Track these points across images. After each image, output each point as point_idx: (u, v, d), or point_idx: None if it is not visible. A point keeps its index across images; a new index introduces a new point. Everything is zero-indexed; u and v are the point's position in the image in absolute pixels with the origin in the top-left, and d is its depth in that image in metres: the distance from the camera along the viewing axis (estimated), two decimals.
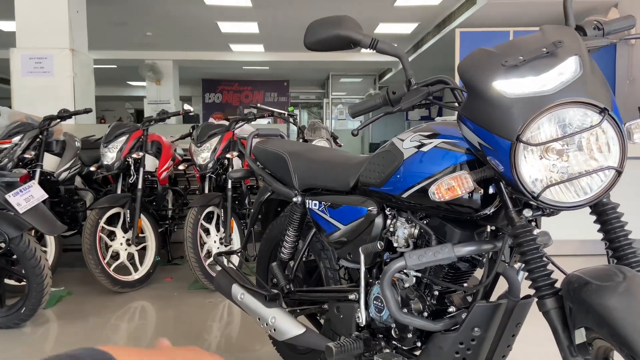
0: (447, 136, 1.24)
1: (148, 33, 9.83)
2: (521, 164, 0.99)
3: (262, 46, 11.28)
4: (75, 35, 5.63)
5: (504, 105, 0.99)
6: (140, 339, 2.59)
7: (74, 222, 3.72)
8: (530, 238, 1.06)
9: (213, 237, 3.39)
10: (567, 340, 0.99)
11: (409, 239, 1.37)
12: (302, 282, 2.00)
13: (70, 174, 3.69)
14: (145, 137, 3.50)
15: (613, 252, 1.08)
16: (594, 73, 0.99)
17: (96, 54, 7.48)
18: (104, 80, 12.87)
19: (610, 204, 1.09)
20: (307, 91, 17.03)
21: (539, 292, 1.04)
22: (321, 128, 4.39)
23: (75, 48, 5.61)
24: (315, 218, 1.69)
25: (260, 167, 1.97)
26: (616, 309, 0.89)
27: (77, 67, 5.59)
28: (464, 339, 1.21)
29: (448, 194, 1.11)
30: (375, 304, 1.47)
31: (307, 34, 1.29)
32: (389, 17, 8.74)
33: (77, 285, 3.47)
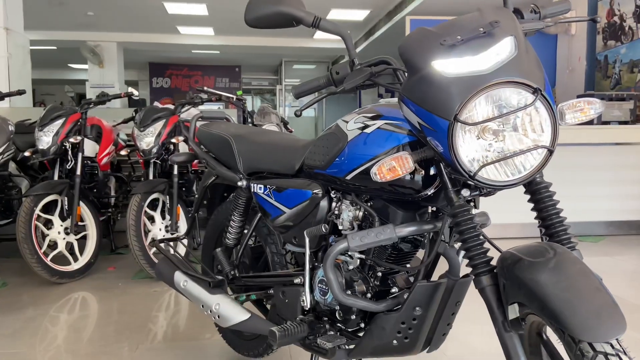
0: (390, 117, 1.24)
1: (89, 13, 9.37)
2: (459, 143, 1.00)
3: (211, 29, 11.01)
4: (9, 13, 5.30)
5: (442, 84, 0.99)
6: (82, 330, 2.49)
7: (8, 211, 3.53)
8: (467, 217, 1.08)
9: (158, 225, 3.29)
10: (501, 316, 1.02)
11: (353, 221, 1.37)
12: (248, 268, 1.98)
13: (4, 159, 3.47)
14: (84, 121, 3.34)
15: (545, 230, 1.11)
16: (529, 54, 1.01)
17: (34, 34, 7.07)
18: (43, 63, 12.22)
19: (543, 183, 1.12)
20: (260, 77, 16.81)
21: (475, 270, 1.06)
22: (271, 113, 4.34)
23: (10, 27, 5.28)
24: (261, 202, 1.66)
25: (204, 151, 1.92)
26: (546, 284, 0.91)
27: (11, 46, 5.27)
28: (405, 318, 1.23)
29: (389, 174, 1.11)
30: (319, 287, 1.46)
31: (248, 10, 1.26)
32: (341, 2, 8.72)
33: (13, 276, 3.30)
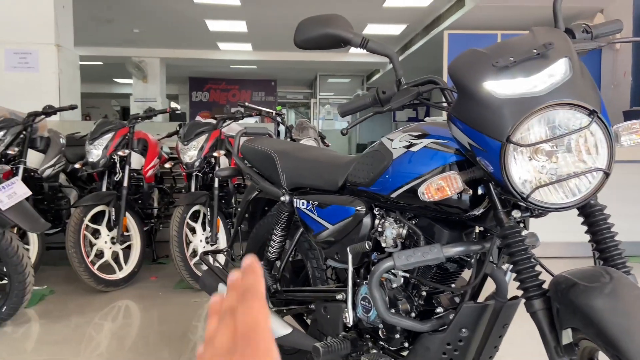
0: (436, 136, 1.24)
1: (135, 30, 9.73)
2: (511, 164, 0.99)
3: (250, 45, 11.23)
4: (61, 30, 5.55)
5: (494, 105, 0.99)
6: (125, 338, 2.56)
7: (57, 220, 3.67)
8: (518, 239, 1.06)
9: (199, 236, 3.36)
10: (554, 341, 1.00)
11: (397, 239, 1.37)
12: (289, 282, 1.99)
13: (55, 171, 3.63)
14: (132, 135, 3.46)
15: (600, 254, 1.08)
16: (584, 75, 1.00)
17: (82, 50, 7.39)
18: (89, 77, 12.69)
19: (598, 206, 1.10)
20: (295, 91, 17.00)
21: (527, 293, 1.05)
22: (309, 127, 4.38)
23: (61, 44, 5.53)
24: (303, 217, 1.68)
25: (248, 166, 1.96)
26: (602, 309, 0.89)
27: (62, 63, 5.51)
28: (451, 339, 1.21)
29: (437, 194, 1.11)
30: (362, 304, 1.46)
31: (297, 32, 1.28)
32: (378, 17, 8.76)
33: (60, 284, 3.42)
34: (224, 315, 0.37)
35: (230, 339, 0.35)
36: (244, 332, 0.34)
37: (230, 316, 0.37)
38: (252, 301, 0.36)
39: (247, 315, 0.35)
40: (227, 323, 0.36)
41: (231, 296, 0.38)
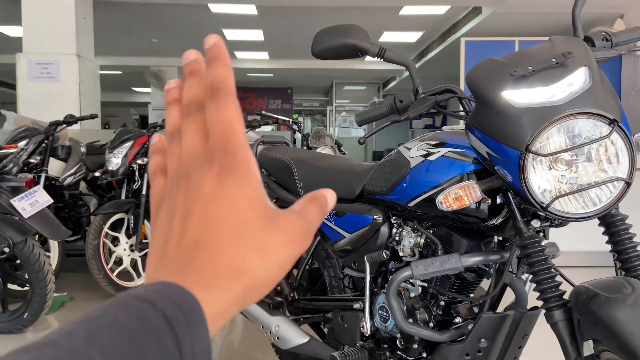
0: (454, 145, 1.24)
1: (154, 40, 9.89)
2: (530, 174, 0.99)
3: (266, 54, 11.33)
4: (81, 41, 5.67)
5: (513, 115, 0.99)
6: None
7: (77, 228, 3.72)
8: (538, 249, 1.05)
9: None
10: (575, 352, 0.99)
11: (414, 248, 1.36)
12: (306, 290, 2.00)
13: (75, 179, 3.70)
14: None
15: (621, 264, 1.07)
16: (604, 84, 0.99)
17: (102, 60, 7.53)
18: (109, 86, 12.93)
19: (619, 216, 1.08)
20: (311, 98, 17.07)
21: (547, 303, 1.03)
22: (325, 135, 4.39)
23: (82, 54, 5.64)
24: (320, 226, 1.69)
25: (265, 174, 1.97)
26: (625, 321, 0.88)
27: (83, 73, 5.62)
28: (470, 350, 1.20)
29: (456, 203, 1.10)
30: (380, 313, 1.46)
31: (315, 43, 1.30)
32: (394, 25, 8.77)
33: (79, 291, 3.47)
34: (189, 108, 0.31)
35: (201, 141, 0.30)
36: (217, 137, 0.29)
37: (197, 112, 0.30)
38: (225, 99, 0.30)
39: (222, 116, 0.29)
40: (195, 120, 0.30)
41: (194, 85, 0.31)
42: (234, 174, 0.28)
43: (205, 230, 0.28)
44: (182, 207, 0.29)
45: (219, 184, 0.28)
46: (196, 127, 0.30)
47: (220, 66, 0.30)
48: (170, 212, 0.29)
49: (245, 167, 0.29)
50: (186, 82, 0.32)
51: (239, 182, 0.28)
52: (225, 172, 0.28)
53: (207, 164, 0.29)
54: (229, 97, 0.30)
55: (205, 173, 0.28)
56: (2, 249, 2.52)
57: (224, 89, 0.30)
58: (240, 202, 0.28)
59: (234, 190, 0.28)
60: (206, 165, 0.29)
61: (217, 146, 0.29)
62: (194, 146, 0.30)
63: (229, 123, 0.29)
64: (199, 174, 0.29)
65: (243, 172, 0.29)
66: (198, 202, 0.28)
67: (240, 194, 0.28)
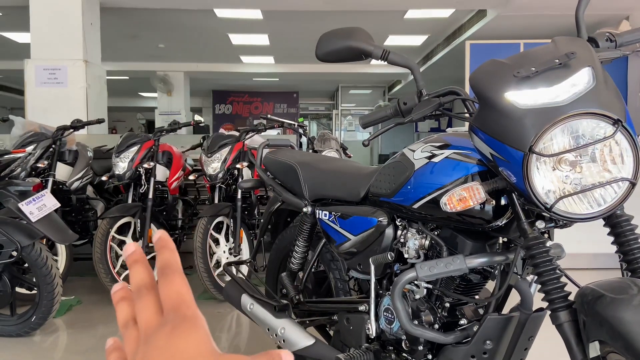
0: (458, 147, 1.24)
1: (160, 45, 9.95)
2: (534, 175, 0.99)
3: (272, 58, 11.37)
4: (88, 46, 5.72)
5: (516, 116, 0.99)
6: None
7: (85, 231, 3.75)
8: (543, 250, 1.05)
9: (222, 247, 3.40)
10: (580, 353, 0.98)
11: (419, 250, 1.36)
12: (311, 292, 2.00)
13: (82, 183, 3.73)
14: (157, 148, 3.53)
15: (627, 265, 1.06)
16: (607, 84, 0.99)
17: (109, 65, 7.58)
18: (115, 91, 13.02)
19: (624, 216, 1.08)
20: (317, 102, 17.09)
21: (552, 304, 1.03)
22: (331, 139, 4.39)
23: (89, 59, 5.69)
24: (325, 228, 1.69)
25: (270, 177, 1.98)
26: (631, 322, 0.88)
27: (90, 78, 5.67)
28: (475, 352, 1.20)
29: (460, 204, 1.10)
30: (385, 315, 1.46)
31: (319, 46, 1.30)
32: (399, 29, 8.78)
33: (87, 294, 3.49)
34: (139, 291, 0.37)
35: (157, 315, 0.35)
36: (170, 306, 0.35)
37: (147, 292, 0.36)
38: (173, 276, 0.36)
39: (171, 290, 0.35)
40: (148, 299, 0.36)
41: (140, 271, 0.37)
42: (184, 329, 0.33)
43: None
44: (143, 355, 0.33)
45: (171, 337, 0.33)
46: (149, 305, 0.36)
47: (166, 251, 0.37)
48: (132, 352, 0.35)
49: (193, 323, 0.34)
50: (132, 271, 0.38)
51: (189, 334, 0.33)
52: (177, 328, 0.33)
53: (162, 327, 0.34)
54: (176, 273, 0.36)
55: (160, 333, 0.34)
56: (10, 253, 2.54)
57: (171, 267, 0.36)
58: (190, 344, 0.33)
59: (185, 337, 0.33)
60: (161, 328, 0.34)
61: (170, 312, 0.34)
62: (150, 320, 0.35)
63: (178, 294, 0.35)
64: (156, 335, 0.34)
65: (192, 327, 0.34)
66: (154, 353, 0.33)
67: (190, 339, 0.33)
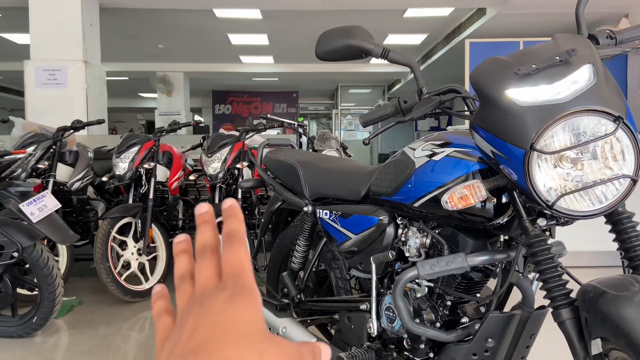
0: (459, 145, 1.24)
1: (159, 45, 9.95)
2: (535, 172, 0.98)
3: (271, 58, 11.37)
4: (88, 47, 5.72)
5: (517, 113, 0.99)
6: (151, 349, 2.59)
7: (85, 232, 3.75)
8: (544, 248, 1.05)
9: None
10: (583, 351, 0.98)
11: (420, 248, 1.36)
12: (312, 292, 2.00)
13: (83, 184, 3.73)
14: (157, 148, 3.53)
15: (629, 262, 1.06)
16: (608, 81, 0.99)
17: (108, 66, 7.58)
18: (115, 92, 13.02)
19: (626, 213, 1.08)
20: (316, 102, 17.09)
21: (554, 302, 1.03)
22: (331, 138, 4.39)
23: (89, 60, 5.69)
24: (326, 227, 1.69)
25: (271, 177, 1.98)
26: (633, 319, 0.88)
27: (90, 78, 5.67)
28: (477, 350, 1.20)
29: (461, 202, 1.10)
30: (386, 314, 1.46)
31: (319, 44, 1.30)
32: (399, 28, 8.78)
33: (88, 295, 3.49)
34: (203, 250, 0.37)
35: (215, 277, 0.36)
36: (230, 272, 0.35)
37: (210, 253, 0.37)
38: (238, 245, 0.37)
39: (235, 257, 0.36)
40: (209, 260, 0.37)
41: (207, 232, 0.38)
42: (242, 298, 0.34)
43: (212, 332, 0.32)
44: (193, 322, 0.33)
45: (229, 303, 0.33)
46: (210, 265, 0.36)
47: (235, 220, 0.38)
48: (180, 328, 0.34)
49: (252, 295, 0.34)
50: (200, 230, 0.39)
51: (246, 304, 0.33)
52: (235, 297, 0.34)
53: (220, 291, 0.34)
54: (241, 243, 0.37)
55: (217, 296, 0.34)
56: (12, 254, 2.54)
57: (237, 236, 0.37)
58: (246, 317, 0.33)
59: (241, 308, 0.33)
60: (219, 292, 0.34)
61: (229, 278, 0.35)
62: (209, 280, 0.36)
63: (240, 262, 0.36)
64: (212, 298, 0.34)
65: (250, 298, 0.34)
66: (209, 315, 0.33)
67: (246, 312, 0.33)
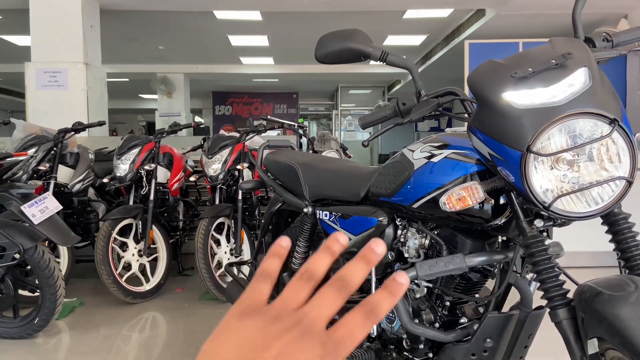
0: (457, 147, 1.25)
1: (160, 47, 9.97)
2: (532, 174, 1.00)
3: (271, 59, 11.38)
4: (89, 49, 5.74)
5: (513, 116, 1.00)
6: (152, 349, 2.60)
7: (86, 233, 3.76)
8: (541, 248, 1.06)
9: (224, 248, 3.41)
10: (579, 351, 0.99)
11: (419, 249, 1.38)
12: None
13: (84, 185, 3.74)
14: (157, 149, 3.54)
15: (625, 262, 1.07)
16: (604, 84, 1.00)
17: (109, 68, 7.60)
18: (116, 93, 13.04)
19: (622, 214, 1.09)
20: (316, 103, 17.11)
21: (551, 302, 1.04)
22: (331, 139, 4.40)
23: (89, 62, 5.70)
24: (326, 228, 1.70)
25: (271, 178, 1.99)
26: (628, 318, 0.89)
27: (90, 80, 5.68)
28: (475, 350, 1.21)
29: (459, 204, 1.11)
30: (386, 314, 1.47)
31: (318, 47, 1.31)
32: (398, 29, 8.79)
33: (89, 296, 3.50)
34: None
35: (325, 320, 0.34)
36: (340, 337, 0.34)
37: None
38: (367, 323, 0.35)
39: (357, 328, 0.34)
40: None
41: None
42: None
43: None
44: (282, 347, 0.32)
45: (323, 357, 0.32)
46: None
47: (391, 297, 0.35)
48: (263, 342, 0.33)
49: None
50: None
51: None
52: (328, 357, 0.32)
53: (321, 344, 0.32)
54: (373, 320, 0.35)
55: (314, 348, 0.32)
56: (13, 255, 2.55)
57: (374, 312, 0.35)
58: None
59: None
60: (320, 342, 0.32)
61: (339, 338, 0.33)
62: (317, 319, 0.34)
63: (354, 336, 0.34)
64: (312, 340, 0.32)
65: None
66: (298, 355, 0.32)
67: None
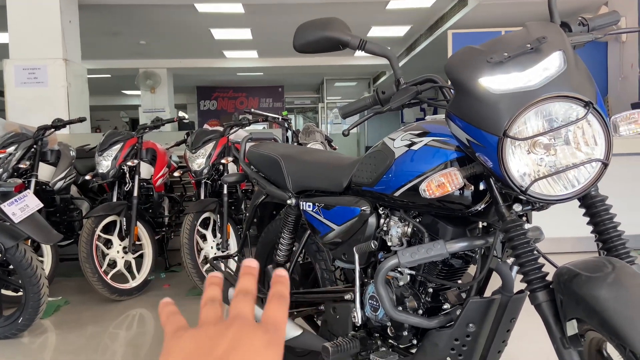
0: (437, 134, 1.25)
1: (142, 42, 9.84)
2: (509, 158, 1.00)
3: (255, 52, 11.31)
4: (68, 45, 5.65)
5: (490, 101, 1.00)
6: (139, 347, 2.59)
7: (70, 232, 3.72)
8: (520, 232, 1.07)
9: (210, 242, 3.39)
10: (559, 332, 1.00)
11: (402, 237, 1.38)
12: (298, 284, 2.01)
13: (66, 183, 3.69)
14: (140, 145, 3.50)
15: (603, 244, 1.09)
16: (579, 68, 1.01)
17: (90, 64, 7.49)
18: (98, 90, 12.86)
19: (599, 197, 1.10)
20: (302, 96, 17.06)
21: (531, 285, 1.05)
22: (315, 131, 4.39)
23: (69, 58, 5.62)
24: (310, 219, 1.70)
25: (254, 171, 1.98)
26: (606, 299, 0.90)
27: (70, 76, 5.60)
28: (459, 335, 1.22)
29: (438, 190, 1.12)
30: (370, 303, 1.47)
31: (296, 36, 1.31)
32: (382, 20, 8.78)
33: (74, 295, 3.47)
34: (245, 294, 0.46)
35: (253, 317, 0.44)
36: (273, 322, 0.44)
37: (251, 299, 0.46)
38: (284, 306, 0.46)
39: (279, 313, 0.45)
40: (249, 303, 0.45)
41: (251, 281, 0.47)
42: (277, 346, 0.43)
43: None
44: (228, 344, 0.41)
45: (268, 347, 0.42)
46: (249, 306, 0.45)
47: (284, 286, 0.48)
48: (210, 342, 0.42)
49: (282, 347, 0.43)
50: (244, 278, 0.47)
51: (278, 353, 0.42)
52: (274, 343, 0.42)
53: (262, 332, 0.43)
54: (286, 304, 0.46)
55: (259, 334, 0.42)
56: None
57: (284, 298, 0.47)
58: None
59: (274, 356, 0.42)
60: (261, 331, 0.43)
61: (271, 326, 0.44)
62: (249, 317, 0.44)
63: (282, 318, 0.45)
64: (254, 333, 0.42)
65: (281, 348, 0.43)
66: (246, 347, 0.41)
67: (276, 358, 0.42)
